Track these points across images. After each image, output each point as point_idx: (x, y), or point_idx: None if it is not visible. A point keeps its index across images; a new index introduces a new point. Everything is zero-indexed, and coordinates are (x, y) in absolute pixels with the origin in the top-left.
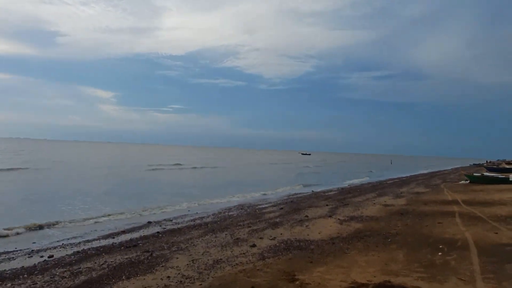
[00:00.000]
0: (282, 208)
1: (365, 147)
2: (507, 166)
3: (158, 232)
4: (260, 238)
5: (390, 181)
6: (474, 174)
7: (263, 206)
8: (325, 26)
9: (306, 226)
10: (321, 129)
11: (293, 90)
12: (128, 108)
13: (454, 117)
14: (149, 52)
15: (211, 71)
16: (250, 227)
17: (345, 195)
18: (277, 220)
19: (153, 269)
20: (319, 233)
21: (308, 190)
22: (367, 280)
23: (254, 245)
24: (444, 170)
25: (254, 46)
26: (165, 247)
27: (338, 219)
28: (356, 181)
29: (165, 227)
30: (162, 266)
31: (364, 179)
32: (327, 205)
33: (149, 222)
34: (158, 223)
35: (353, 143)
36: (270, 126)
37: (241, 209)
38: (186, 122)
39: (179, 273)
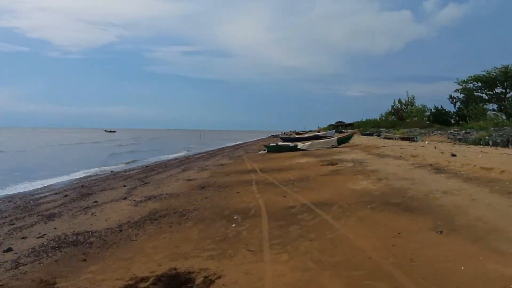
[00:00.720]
0: (66, 196)
1: (175, 123)
2: (297, 136)
3: None
4: (23, 237)
5: (198, 155)
6: (270, 144)
7: (43, 195)
8: None
9: (92, 213)
10: (128, 105)
11: (93, 61)
12: None
13: (259, 93)
14: None
15: None
16: (13, 224)
17: (148, 173)
18: (55, 210)
19: None
20: (106, 221)
21: (108, 171)
22: (150, 272)
23: (9, 250)
24: (248, 142)
25: (39, 4)
26: None
27: (134, 200)
28: (172, 156)
29: None
30: None
31: (183, 153)
32: (124, 186)
33: None
34: None
35: (162, 119)
36: (66, 101)
37: (9, 202)
38: None
39: None
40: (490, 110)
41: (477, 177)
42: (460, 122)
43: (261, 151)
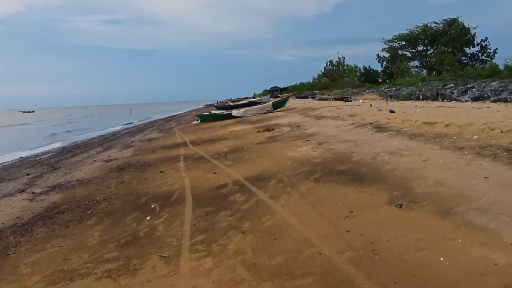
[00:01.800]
0: None
1: (104, 99)
2: (232, 104)
3: None
4: None
5: (126, 131)
6: (203, 113)
7: None
8: None
9: None
10: (45, 82)
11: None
12: None
13: (190, 62)
14: None
15: None
16: None
17: (63, 156)
18: None
19: None
20: None
21: (15, 157)
22: None
23: None
24: (181, 113)
25: None
26: None
27: (33, 192)
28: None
29: None
30: None
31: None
32: (28, 174)
33: None
34: None
35: (90, 96)
36: None
37: None
38: None
39: None
40: (413, 67)
41: (422, 133)
42: (387, 80)
43: (194, 122)
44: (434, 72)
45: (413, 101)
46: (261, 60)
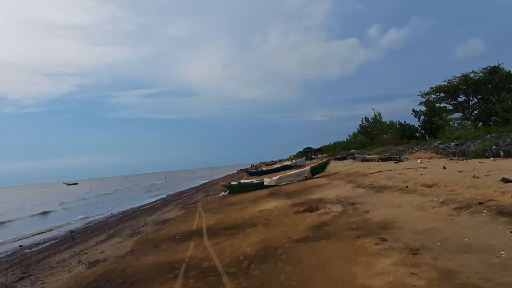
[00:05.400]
0: None
1: (142, 167)
2: (265, 168)
3: None
4: None
5: (150, 205)
6: (231, 183)
7: None
8: (84, 41)
9: None
10: (91, 154)
11: (52, 112)
12: None
13: (224, 128)
14: None
15: None
16: None
17: (55, 249)
18: None
19: None
20: None
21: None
22: None
23: None
24: (213, 180)
25: None
26: None
27: None
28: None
29: None
30: None
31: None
32: None
33: None
34: None
35: (128, 165)
36: (23, 157)
37: None
38: None
39: None
40: (457, 119)
41: None
42: (427, 135)
43: (222, 193)
44: (479, 123)
45: (492, 159)
46: (292, 122)
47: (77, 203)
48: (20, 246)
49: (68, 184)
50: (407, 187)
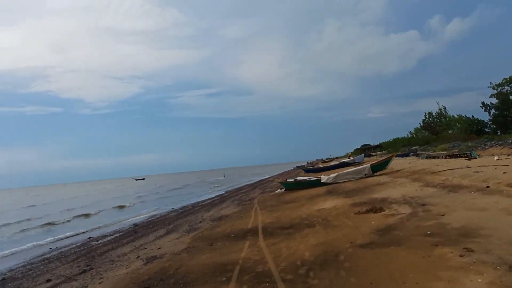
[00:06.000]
0: None
1: (202, 164)
2: (321, 165)
3: None
4: None
5: (209, 201)
6: (288, 180)
7: None
8: (150, 45)
9: None
10: (156, 151)
11: (121, 113)
12: None
13: (280, 126)
14: None
15: (15, 97)
16: None
17: (117, 243)
18: None
19: None
20: None
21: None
22: None
23: None
24: (270, 177)
25: (68, 67)
26: None
27: None
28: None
29: None
30: None
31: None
32: (49, 280)
33: None
34: None
35: (189, 162)
36: (99, 154)
37: None
38: None
39: None
40: None
41: None
42: (498, 130)
43: (278, 190)
44: None
45: None
46: (348, 119)
47: (151, 196)
48: (89, 237)
49: (136, 179)
50: (488, 187)
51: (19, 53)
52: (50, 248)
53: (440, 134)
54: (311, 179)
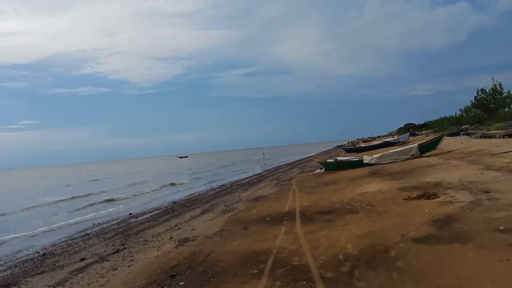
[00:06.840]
0: None
1: (241, 143)
2: (363, 145)
3: None
4: None
5: (247, 180)
6: (327, 160)
7: None
8: (190, 27)
9: None
10: (197, 130)
11: (164, 93)
12: None
13: (319, 105)
14: None
15: (69, 79)
16: None
17: (154, 221)
18: None
19: None
20: None
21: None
22: None
23: None
24: (309, 157)
25: (115, 49)
26: None
27: None
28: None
29: None
30: None
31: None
32: (83, 259)
33: None
34: None
35: (229, 141)
36: (144, 133)
37: None
38: (43, 140)
39: None
40: None
41: None
42: None
43: (317, 170)
44: None
45: None
46: (390, 97)
47: (204, 173)
48: (130, 214)
49: (180, 157)
50: None
51: (69, 37)
52: (93, 224)
53: (494, 112)
54: (353, 159)
